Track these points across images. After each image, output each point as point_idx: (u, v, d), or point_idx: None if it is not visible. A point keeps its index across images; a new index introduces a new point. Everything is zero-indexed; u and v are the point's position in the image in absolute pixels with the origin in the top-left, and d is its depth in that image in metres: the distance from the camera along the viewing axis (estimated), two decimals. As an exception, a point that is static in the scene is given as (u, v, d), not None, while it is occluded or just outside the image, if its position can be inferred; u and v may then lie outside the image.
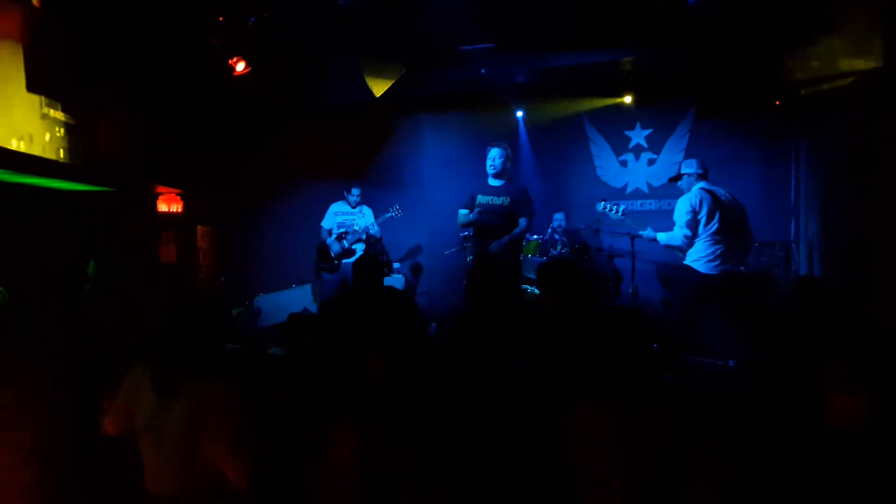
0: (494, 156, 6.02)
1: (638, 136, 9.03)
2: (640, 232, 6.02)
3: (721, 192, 5.55)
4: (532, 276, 7.42)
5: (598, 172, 9.18)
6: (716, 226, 5.38)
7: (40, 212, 6.44)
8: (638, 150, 9.03)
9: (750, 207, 7.96)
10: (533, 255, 7.46)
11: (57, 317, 2.94)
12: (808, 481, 1.83)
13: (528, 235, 7.87)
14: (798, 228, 7.91)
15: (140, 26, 6.11)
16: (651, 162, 8.96)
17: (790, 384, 2.14)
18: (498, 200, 6.00)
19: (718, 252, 5.38)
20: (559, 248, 7.72)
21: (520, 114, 9.16)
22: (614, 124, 9.11)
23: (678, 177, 5.78)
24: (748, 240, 5.68)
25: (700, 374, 5.33)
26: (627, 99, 8.80)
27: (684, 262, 5.55)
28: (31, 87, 5.45)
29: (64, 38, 5.81)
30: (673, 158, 8.84)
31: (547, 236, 8.23)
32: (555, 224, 8.33)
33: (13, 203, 6.18)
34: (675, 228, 5.53)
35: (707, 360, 5.68)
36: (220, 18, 6.06)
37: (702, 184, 5.57)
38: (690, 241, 5.47)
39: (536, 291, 7.03)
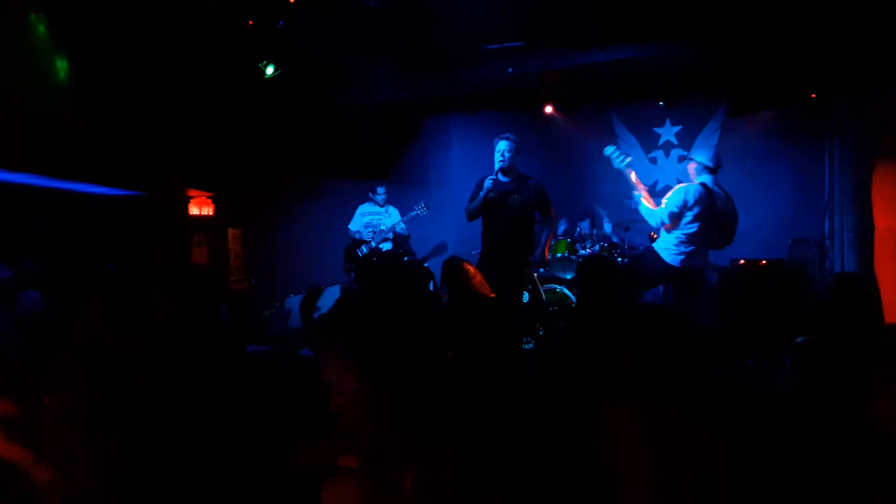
0: (503, 149, 5.41)
1: (668, 132, 8.93)
2: (634, 194, 5.61)
3: (721, 195, 5.33)
4: (562, 274, 7.36)
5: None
6: (695, 228, 5.20)
7: (72, 215, 6.56)
8: (668, 147, 8.93)
9: (783, 204, 7.94)
10: (562, 254, 7.39)
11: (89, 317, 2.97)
12: (847, 483, 1.80)
13: (556, 235, 7.82)
14: (832, 225, 7.76)
15: (168, 31, 6.18)
16: (681, 159, 8.84)
17: (831, 382, 2.10)
18: (509, 200, 5.42)
19: (686, 250, 5.23)
20: (589, 245, 7.65)
21: (549, 109, 9.11)
22: (643, 121, 9.03)
23: (691, 160, 5.55)
24: (723, 241, 5.49)
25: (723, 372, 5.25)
26: (657, 95, 8.71)
27: (651, 245, 5.49)
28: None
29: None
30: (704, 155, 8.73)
31: (576, 235, 8.16)
32: (584, 223, 8.25)
33: (45, 207, 6.30)
34: (659, 210, 5.30)
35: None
36: (250, 22, 6.11)
37: (706, 179, 5.33)
38: (665, 228, 5.29)
39: (566, 291, 7.00)
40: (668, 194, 5.36)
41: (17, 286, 5.52)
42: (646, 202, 5.45)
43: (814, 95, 7.61)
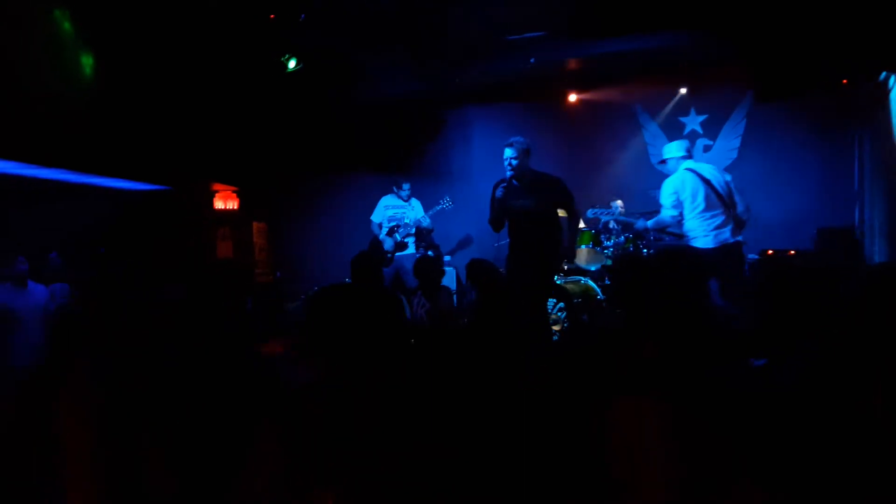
0: (509, 156, 5.19)
1: (693, 122, 8.82)
2: (635, 222, 6.34)
3: (706, 168, 5.67)
4: (586, 266, 7.29)
5: (653, 160, 8.99)
6: (702, 204, 5.48)
7: (98, 210, 6.64)
8: (693, 137, 8.81)
9: (812, 193, 7.81)
10: (586, 246, 7.32)
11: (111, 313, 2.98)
12: (867, 479, 1.75)
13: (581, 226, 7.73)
14: (863, 214, 7.61)
15: (192, 26, 6.21)
16: (707, 148, 8.74)
17: (858, 381, 2.04)
18: (525, 205, 5.24)
19: (711, 226, 5.46)
20: (613, 236, 7.54)
21: (573, 98, 9.04)
22: (668, 110, 8.91)
23: (664, 161, 5.93)
24: (738, 212, 5.64)
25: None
26: (681, 84, 8.60)
27: (684, 242, 5.68)
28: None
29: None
30: (730, 144, 8.62)
31: (600, 225, 8.06)
32: (615, 212, 8.12)
33: (71, 201, 6.38)
34: (662, 210, 5.68)
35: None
36: (272, 16, 6.13)
37: (687, 164, 5.68)
38: (678, 218, 5.60)
39: (590, 283, 6.94)
40: (660, 193, 5.73)
41: (45, 279, 5.62)
42: (646, 222, 6.08)
43: (845, 81, 7.43)
